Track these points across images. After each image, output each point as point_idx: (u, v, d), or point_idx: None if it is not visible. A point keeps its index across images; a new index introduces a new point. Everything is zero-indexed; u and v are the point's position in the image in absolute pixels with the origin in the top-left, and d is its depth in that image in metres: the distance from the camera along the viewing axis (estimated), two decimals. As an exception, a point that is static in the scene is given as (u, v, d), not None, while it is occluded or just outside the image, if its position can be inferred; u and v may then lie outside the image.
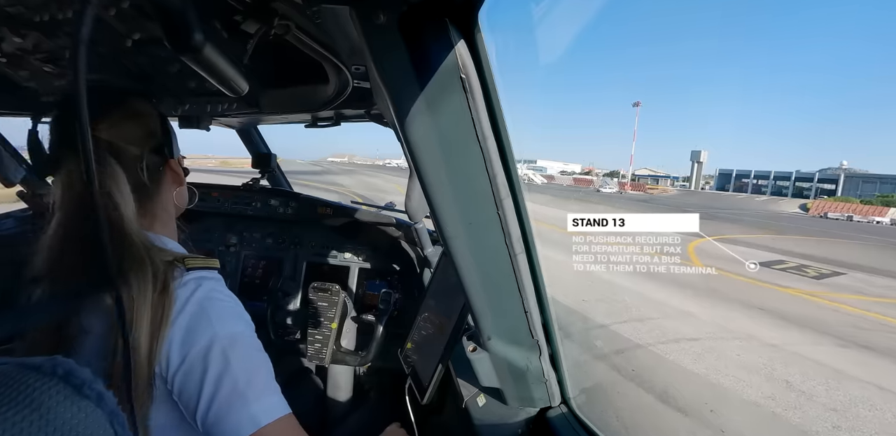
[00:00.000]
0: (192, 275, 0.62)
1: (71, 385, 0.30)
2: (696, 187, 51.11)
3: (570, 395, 0.84)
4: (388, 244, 1.64)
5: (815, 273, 7.33)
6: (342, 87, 0.85)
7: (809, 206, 31.21)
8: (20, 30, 0.59)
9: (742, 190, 48.76)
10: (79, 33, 0.30)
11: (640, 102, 65.09)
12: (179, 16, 0.40)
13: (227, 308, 0.61)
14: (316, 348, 1.52)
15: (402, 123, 0.52)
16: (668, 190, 43.48)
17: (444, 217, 0.60)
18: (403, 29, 0.46)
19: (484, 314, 0.72)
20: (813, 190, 43.15)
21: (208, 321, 0.58)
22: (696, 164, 52.08)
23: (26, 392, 0.27)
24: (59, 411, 0.28)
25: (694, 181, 52.18)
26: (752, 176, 49.74)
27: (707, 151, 51.94)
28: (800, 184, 45.03)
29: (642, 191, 38.46)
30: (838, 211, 28.56)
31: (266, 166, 1.80)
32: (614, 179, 48.47)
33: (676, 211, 14.70)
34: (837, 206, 30.61)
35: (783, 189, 45.93)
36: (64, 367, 0.30)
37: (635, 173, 57.07)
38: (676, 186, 52.53)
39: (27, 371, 0.29)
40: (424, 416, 1.05)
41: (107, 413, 0.31)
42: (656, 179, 57.07)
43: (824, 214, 28.09)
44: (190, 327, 0.57)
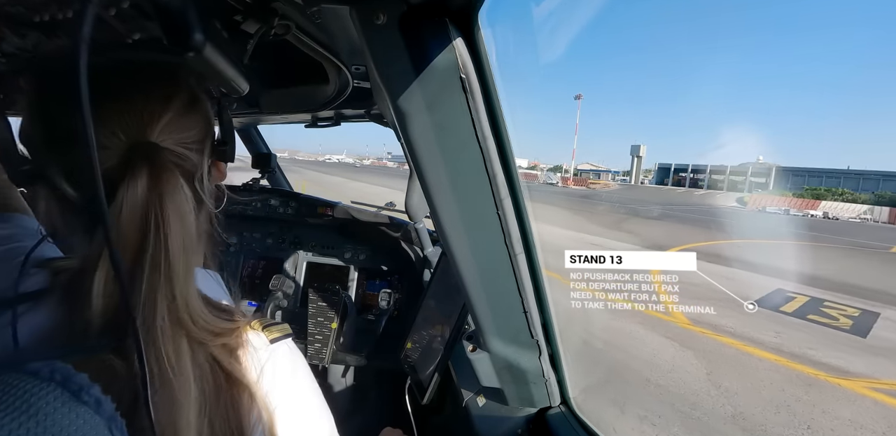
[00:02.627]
0: (280, 347, 0.49)
1: (69, 391, 0.29)
2: (635, 182, 51.25)
3: (570, 395, 0.84)
4: (388, 244, 1.64)
5: (844, 317, 4.90)
6: (342, 87, 0.85)
7: (747, 200, 31.22)
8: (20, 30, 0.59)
9: (680, 184, 49.44)
10: (80, 32, 0.30)
11: (582, 95, 64.35)
12: (179, 16, 0.40)
13: (316, 398, 0.52)
14: (316, 348, 1.52)
15: (402, 123, 0.52)
16: (609, 184, 43.66)
17: (444, 217, 0.60)
18: (403, 29, 0.46)
19: (484, 314, 0.72)
20: (746, 184, 43.88)
21: (309, 418, 0.50)
22: (635, 158, 52.10)
23: (23, 398, 0.27)
24: (57, 418, 0.27)
25: (634, 176, 52.25)
26: (689, 170, 50.25)
27: (646, 146, 52.12)
28: (734, 177, 45.84)
29: (584, 186, 38.65)
30: (776, 205, 28.58)
31: (266, 166, 1.80)
32: (557, 173, 48.77)
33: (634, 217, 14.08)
34: (774, 200, 30.78)
35: (718, 182, 46.56)
36: (62, 372, 0.30)
37: (578, 168, 57.36)
38: (617, 181, 52.67)
39: (24, 377, 0.29)
40: (424, 416, 1.05)
41: (105, 419, 0.30)
42: (598, 173, 56.99)
43: (763, 208, 28.05)
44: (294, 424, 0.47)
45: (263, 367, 0.47)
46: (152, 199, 0.40)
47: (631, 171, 52.88)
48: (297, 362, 0.51)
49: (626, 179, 53.09)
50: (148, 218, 0.40)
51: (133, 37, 0.56)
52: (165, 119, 0.44)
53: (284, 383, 0.48)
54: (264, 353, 0.48)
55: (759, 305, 5.23)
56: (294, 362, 0.51)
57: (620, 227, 11.72)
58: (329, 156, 67.82)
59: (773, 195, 33.55)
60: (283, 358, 0.49)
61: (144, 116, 0.43)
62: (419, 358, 1.06)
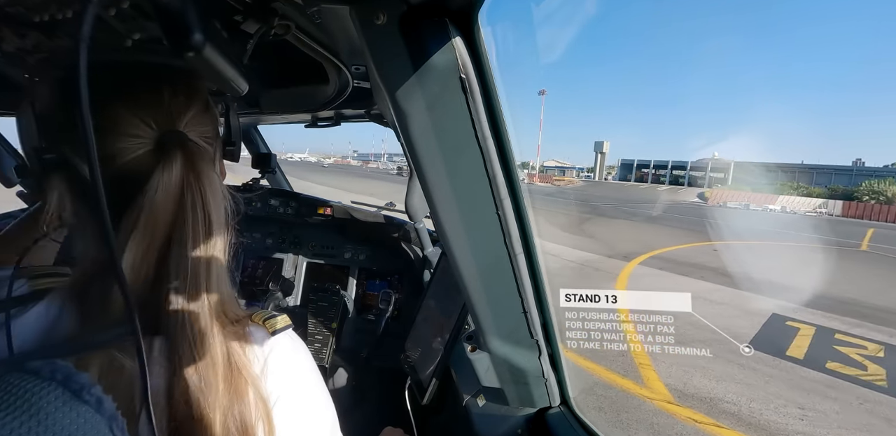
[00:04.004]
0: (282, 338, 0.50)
1: (70, 390, 0.29)
2: (599, 178, 51.87)
3: (570, 395, 0.84)
4: (388, 244, 1.64)
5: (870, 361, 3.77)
6: (342, 87, 0.85)
7: (708, 195, 31.77)
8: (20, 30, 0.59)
9: (643, 180, 50.30)
10: (80, 32, 0.30)
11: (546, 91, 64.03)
12: (179, 16, 0.40)
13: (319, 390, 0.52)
14: (316, 348, 1.52)
15: (402, 123, 0.52)
16: (573, 181, 44.20)
17: (444, 217, 0.60)
18: (403, 29, 0.46)
19: (484, 314, 0.72)
20: (707, 179, 45.20)
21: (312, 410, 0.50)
22: (599, 154, 52.63)
23: (24, 397, 0.27)
24: (58, 417, 0.27)
25: (598, 172, 52.79)
26: (651, 166, 51.16)
27: (609, 142, 52.81)
28: (693, 173, 47.15)
29: (550, 183, 38.98)
30: (736, 200, 29.04)
31: (266, 166, 1.80)
32: (524, 170, 49.40)
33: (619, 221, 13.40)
34: (733, 194, 31.29)
35: (679, 178, 47.80)
36: (63, 371, 0.30)
37: (543, 165, 57.62)
38: (582, 177, 53.21)
39: (25, 376, 0.29)
40: (424, 416, 1.05)
41: (106, 418, 0.30)
42: (563, 170, 57.50)
43: (724, 203, 28.47)
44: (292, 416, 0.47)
45: (266, 359, 0.47)
46: (189, 179, 0.43)
47: (595, 167, 53.53)
48: (299, 352, 0.52)
49: (591, 176, 53.75)
50: (185, 197, 0.43)
51: (133, 37, 0.56)
52: (190, 113, 0.47)
53: (287, 375, 0.49)
54: (266, 346, 0.48)
55: (757, 345, 4.05)
56: (297, 352, 0.51)
57: (582, 229, 10.67)
58: (291, 154, 67.23)
59: (732, 190, 33.97)
60: (285, 350, 0.50)
61: (172, 108, 0.46)
62: (419, 358, 1.06)
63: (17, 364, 0.30)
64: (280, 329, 0.50)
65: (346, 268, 1.70)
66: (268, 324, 0.49)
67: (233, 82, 0.53)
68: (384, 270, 1.67)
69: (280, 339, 0.49)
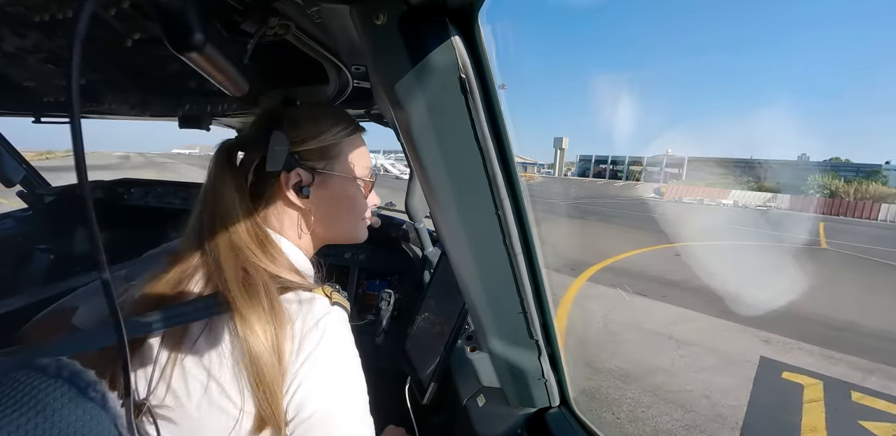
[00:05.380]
0: (342, 313, 0.59)
1: (76, 387, 0.29)
2: (559, 174, 52.86)
3: (571, 395, 0.84)
4: (388, 244, 1.64)
5: None
6: (342, 87, 0.84)
7: (663, 190, 32.17)
8: (20, 30, 0.59)
9: (601, 175, 51.79)
10: (74, 30, 0.30)
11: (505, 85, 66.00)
12: (179, 16, 0.40)
13: (356, 365, 0.60)
14: None
15: (402, 123, 0.52)
16: (534, 177, 44.71)
17: (444, 217, 0.60)
18: (403, 29, 0.46)
19: (484, 314, 0.72)
20: (662, 174, 46.62)
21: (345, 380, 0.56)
22: (558, 150, 53.18)
23: (31, 394, 0.27)
24: (64, 414, 0.28)
25: (557, 168, 53.58)
26: (608, 161, 52.66)
27: (568, 138, 53.54)
28: (650, 168, 48.60)
29: None
30: (691, 195, 29.47)
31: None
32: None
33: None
34: (688, 189, 31.85)
35: (636, 173, 49.12)
36: (69, 368, 0.30)
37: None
38: (542, 173, 53.88)
39: (32, 373, 0.29)
40: (424, 416, 1.05)
41: (111, 415, 0.31)
42: (525, 166, 58.06)
43: (679, 198, 28.82)
44: (325, 381, 0.54)
45: (319, 321, 0.56)
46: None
47: (555, 163, 54.31)
48: (347, 327, 0.61)
49: (551, 172, 54.65)
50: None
51: (133, 37, 0.56)
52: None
53: (330, 341, 0.56)
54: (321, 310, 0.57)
55: (755, 427, 2.72)
56: (346, 326, 0.60)
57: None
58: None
59: (686, 186, 34.47)
60: (336, 320, 0.58)
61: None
62: (419, 358, 1.06)
63: (24, 361, 0.30)
64: (339, 303, 0.59)
65: (346, 268, 1.69)
66: (333, 294, 0.59)
67: (233, 82, 0.53)
68: (384, 270, 1.67)
69: (336, 310, 0.58)
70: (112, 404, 0.31)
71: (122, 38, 0.59)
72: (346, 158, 0.67)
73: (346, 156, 0.67)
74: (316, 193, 0.65)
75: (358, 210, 0.71)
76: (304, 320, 0.54)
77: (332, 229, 0.70)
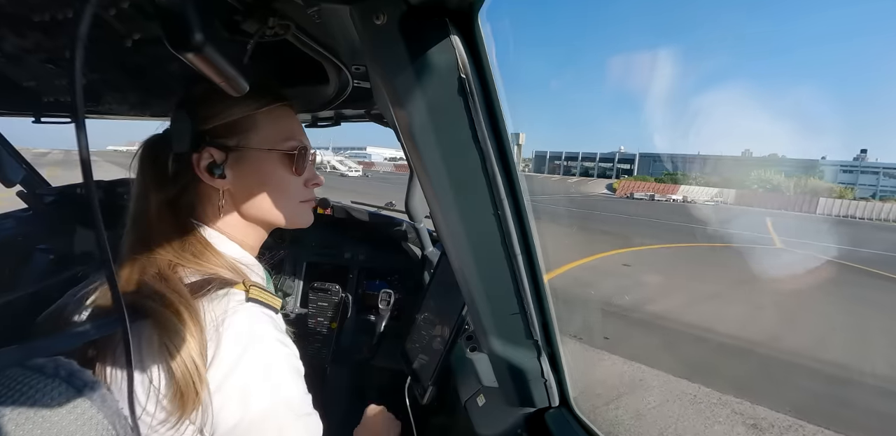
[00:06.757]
0: (255, 308, 0.53)
1: (73, 387, 0.30)
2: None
3: (570, 395, 0.84)
4: (388, 244, 1.64)
5: None
6: (342, 87, 0.84)
7: (616, 186, 32.88)
8: (20, 30, 0.59)
9: (555, 172, 52.85)
10: (76, 32, 0.30)
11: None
12: (179, 16, 0.40)
13: (291, 365, 0.56)
14: (316, 347, 1.52)
15: (402, 123, 0.52)
16: None
17: (443, 217, 0.60)
18: (403, 29, 0.46)
19: (483, 314, 0.72)
20: (614, 170, 48.12)
21: (270, 383, 0.52)
22: (515, 147, 53.89)
23: (28, 393, 0.27)
24: (62, 413, 0.28)
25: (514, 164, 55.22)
26: (563, 158, 53.70)
27: (524, 134, 54.35)
28: (602, 164, 50.36)
29: None
30: (642, 191, 30.11)
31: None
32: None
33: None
34: (639, 185, 32.56)
35: (589, 169, 50.79)
36: (66, 368, 0.30)
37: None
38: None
39: (30, 373, 0.29)
40: (424, 416, 1.06)
41: (109, 414, 0.31)
42: None
43: (630, 194, 29.39)
44: (248, 386, 0.50)
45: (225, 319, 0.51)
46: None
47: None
48: (262, 322, 0.54)
49: None
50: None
51: (133, 37, 0.56)
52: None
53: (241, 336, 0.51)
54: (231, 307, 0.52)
55: None
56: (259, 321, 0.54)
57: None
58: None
59: (637, 181, 35.18)
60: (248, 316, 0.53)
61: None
62: (419, 358, 1.06)
63: (21, 360, 0.30)
64: (261, 301, 0.53)
65: (346, 268, 1.69)
66: (252, 291, 0.53)
67: (233, 82, 0.53)
68: (384, 270, 1.67)
69: (248, 307, 0.53)
70: (110, 403, 0.31)
71: (122, 38, 0.60)
72: (263, 131, 0.62)
73: (263, 129, 0.62)
74: (233, 173, 0.60)
75: (287, 188, 0.65)
76: (213, 320, 0.50)
77: (263, 213, 0.64)
